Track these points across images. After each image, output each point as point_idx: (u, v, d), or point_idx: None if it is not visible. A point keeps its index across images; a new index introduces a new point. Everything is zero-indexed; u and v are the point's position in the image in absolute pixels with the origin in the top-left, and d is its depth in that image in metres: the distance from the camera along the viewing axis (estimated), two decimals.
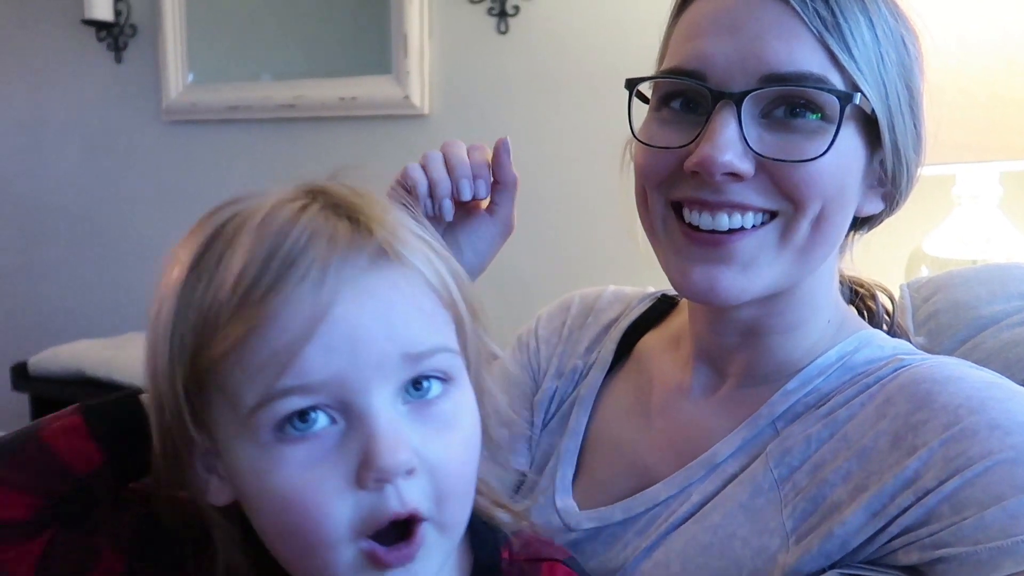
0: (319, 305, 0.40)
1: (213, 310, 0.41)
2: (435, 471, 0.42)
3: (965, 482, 0.51)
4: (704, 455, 0.63)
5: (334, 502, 0.40)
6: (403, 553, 0.41)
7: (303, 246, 0.41)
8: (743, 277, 0.58)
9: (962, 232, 1.45)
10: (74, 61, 2.90)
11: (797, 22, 0.54)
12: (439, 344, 0.43)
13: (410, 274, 0.43)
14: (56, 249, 3.05)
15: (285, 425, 0.41)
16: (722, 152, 0.55)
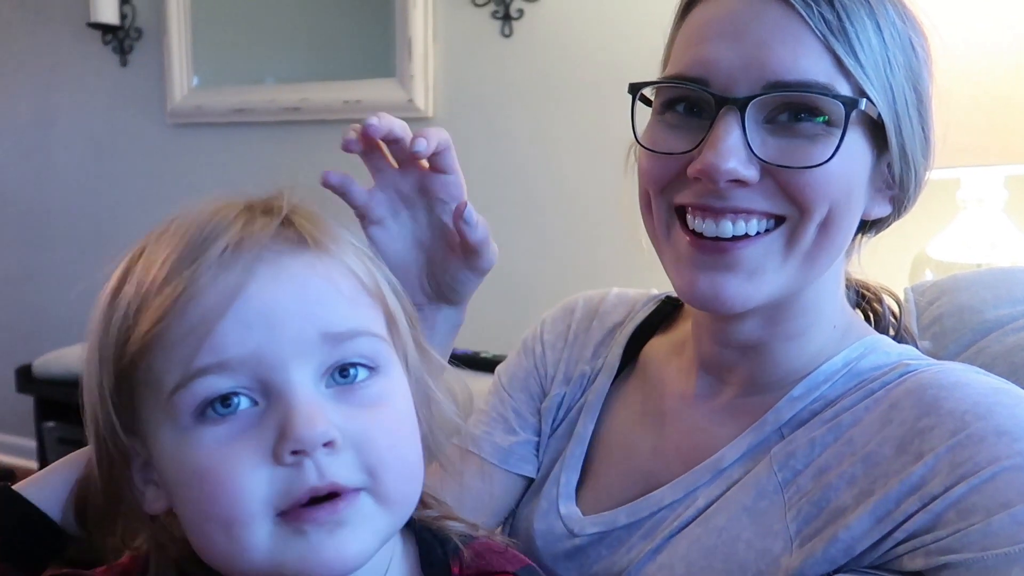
0: (233, 282, 0.40)
1: (135, 303, 0.42)
2: (361, 445, 0.41)
3: (972, 488, 0.50)
4: (710, 460, 0.63)
5: (249, 476, 0.39)
6: (325, 511, 0.40)
7: (221, 230, 0.41)
8: (749, 285, 0.57)
9: (967, 236, 1.45)
10: (80, 64, 2.91)
11: (802, 27, 0.54)
12: (360, 327, 0.43)
13: (330, 260, 0.43)
14: (61, 251, 3.06)
15: (206, 409, 0.40)
16: (725, 159, 0.54)
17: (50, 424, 2.41)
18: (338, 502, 0.40)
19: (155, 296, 0.41)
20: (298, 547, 0.40)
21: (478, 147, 2.33)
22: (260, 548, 0.40)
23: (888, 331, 0.69)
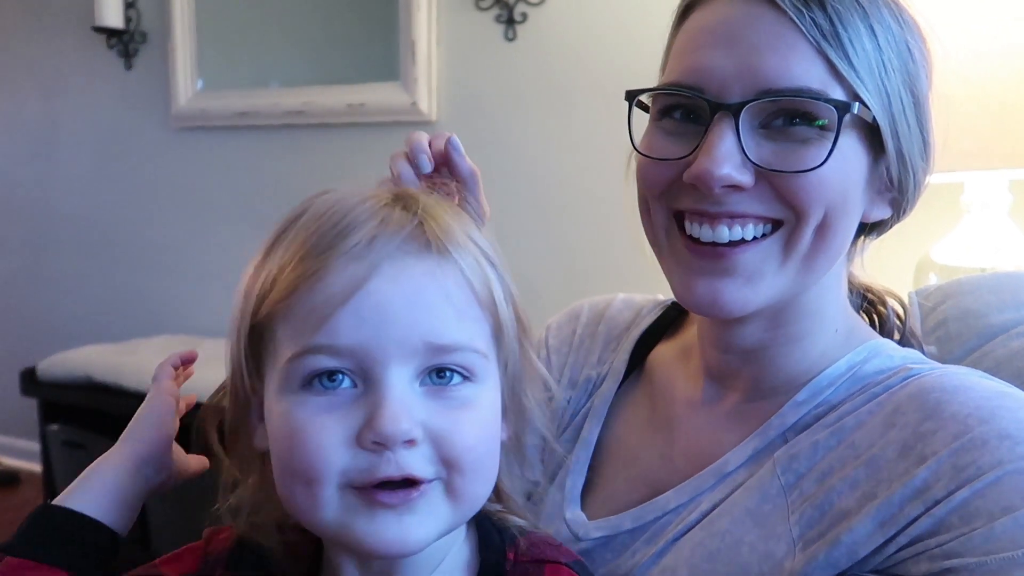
0: (358, 275, 0.44)
1: (273, 273, 0.47)
2: (441, 441, 0.44)
3: (975, 492, 0.50)
4: (714, 464, 0.63)
5: (334, 448, 0.43)
6: (398, 496, 0.44)
7: (360, 222, 0.45)
8: (747, 289, 0.58)
9: (971, 240, 1.45)
10: (84, 68, 2.92)
11: (795, 33, 0.54)
12: (463, 342, 0.46)
13: (450, 268, 0.46)
14: (65, 255, 3.06)
15: (313, 380, 0.45)
16: (719, 165, 0.55)
17: (54, 427, 2.41)
18: (412, 491, 0.44)
19: (290, 271, 0.45)
20: (365, 521, 0.44)
21: (481, 151, 2.33)
22: (331, 510, 0.44)
23: (892, 335, 0.68)
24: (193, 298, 2.82)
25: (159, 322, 2.82)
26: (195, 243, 2.81)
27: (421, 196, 0.50)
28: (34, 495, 2.73)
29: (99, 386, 2.32)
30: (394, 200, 0.49)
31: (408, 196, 0.49)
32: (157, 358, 2.73)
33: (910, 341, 0.68)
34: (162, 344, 2.57)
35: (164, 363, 0.68)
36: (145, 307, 2.91)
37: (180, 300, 2.84)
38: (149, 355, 2.43)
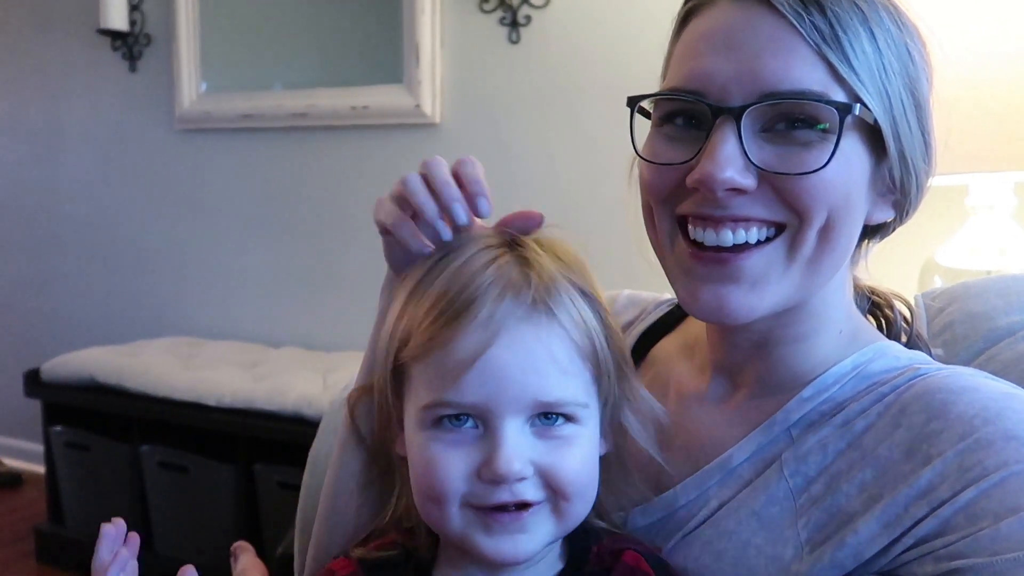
0: (482, 343, 0.53)
1: (413, 322, 0.56)
2: (548, 473, 0.54)
3: (981, 493, 0.50)
4: (718, 459, 0.63)
5: (457, 478, 0.53)
6: (511, 516, 0.53)
7: (483, 291, 0.54)
8: (752, 295, 0.58)
9: (976, 242, 1.44)
10: (89, 70, 2.93)
11: (795, 37, 0.54)
12: (567, 399, 0.54)
13: (555, 329, 0.54)
14: (69, 256, 3.07)
15: (443, 420, 0.54)
16: (722, 168, 0.55)
17: (57, 428, 2.42)
18: (523, 513, 0.53)
19: (425, 329, 0.55)
20: (484, 536, 0.54)
21: (484, 153, 2.33)
22: (455, 523, 0.54)
23: (900, 337, 0.68)
24: (197, 300, 2.83)
25: (163, 324, 2.83)
26: (199, 245, 2.82)
27: (533, 246, 0.58)
28: (37, 496, 2.74)
29: (102, 388, 2.33)
30: (508, 251, 0.57)
31: (520, 249, 0.57)
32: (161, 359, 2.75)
33: (917, 344, 0.68)
34: (166, 345, 2.58)
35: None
36: (149, 309, 2.91)
37: (184, 302, 2.85)
38: (153, 356, 2.43)
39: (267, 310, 2.69)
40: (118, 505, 2.34)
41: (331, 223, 2.58)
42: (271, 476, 2.10)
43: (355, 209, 2.53)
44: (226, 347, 2.57)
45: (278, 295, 2.68)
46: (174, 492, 2.24)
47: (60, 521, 2.47)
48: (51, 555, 2.47)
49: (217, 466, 2.17)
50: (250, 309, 2.72)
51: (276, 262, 2.68)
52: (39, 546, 2.49)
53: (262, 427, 2.09)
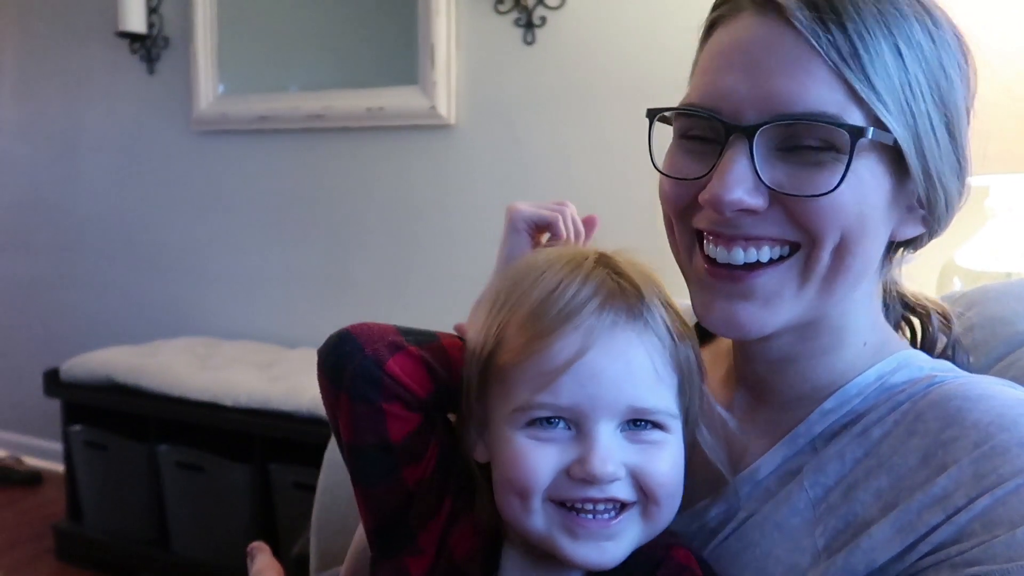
0: (580, 348, 0.54)
1: (508, 326, 0.57)
2: (639, 475, 0.55)
3: (996, 500, 0.50)
4: (746, 471, 0.63)
5: (546, 472, 0.54)
6: (598, 524, 0.54)
7: (583, 301, 0.55)
8: (764, 312, 0.58)
9: (996, 244, 1.43)
10: (108, 72, 2.96)
11: (812, 56, 0.53)
12: (658, 406, 0.56)
13: (648, 336, 0.56)
14: (88, 257, 3.10)
15: (536, 422, 0.55)
16: (731, 190, 0.55)
17: (76, 428, 2.44)
18: (611, 520, 0.54)
19: (520, 334, 0.56)
20: (567, 539, 0.54)
21: (500, 154, 2.34)
22: (536, 519, 0.55)
23: (935, 345, 0.67)
24: (214, 300, 2.85)
25: (180, 324, 2.85)
26: (216, 245, 2.83)
27: (618, 258, 0.59)
28: (56, 495, 2.77)
29: (121, 387, 2.35)
30: (599, 264, 0.58)
31: (609, 260, 0.59)
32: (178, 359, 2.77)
33: (956, 350, 0.67)
34: (183, 346, 2.60)
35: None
36: (166, 309, 2.93)
37: (201, 302, 2.87)
38: (170, 357, 2.45)
39: (283, 310, 2.70)
40: (135, 504, 2.36)
41: (347, 224, 2.59)
42: (287, 476, 2.12)
43: (371, 210, 2.54)
44: (242, 347, 2.59)
45: (294, 296, 2.69)
46: (190, 491, 2.26)
47: (78, 519, 2.49)
48: (70, 553, 2.49)
49: (233, 466, 2.18)
50: (266, 309, 2.74)
51: (292, 263, 2.69)
52: (58, 544, 2.51)
53: (278, 427, 2.11)
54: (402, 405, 0.58)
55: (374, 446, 0.58)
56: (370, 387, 0.57)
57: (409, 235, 2.47)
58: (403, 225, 2.49)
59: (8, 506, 2.88)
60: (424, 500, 0.60)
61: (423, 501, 0.60)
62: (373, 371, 0.57)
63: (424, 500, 0.60)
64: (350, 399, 0.58)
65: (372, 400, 0.57)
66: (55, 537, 2.52)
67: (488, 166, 2.35)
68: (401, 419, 0.58)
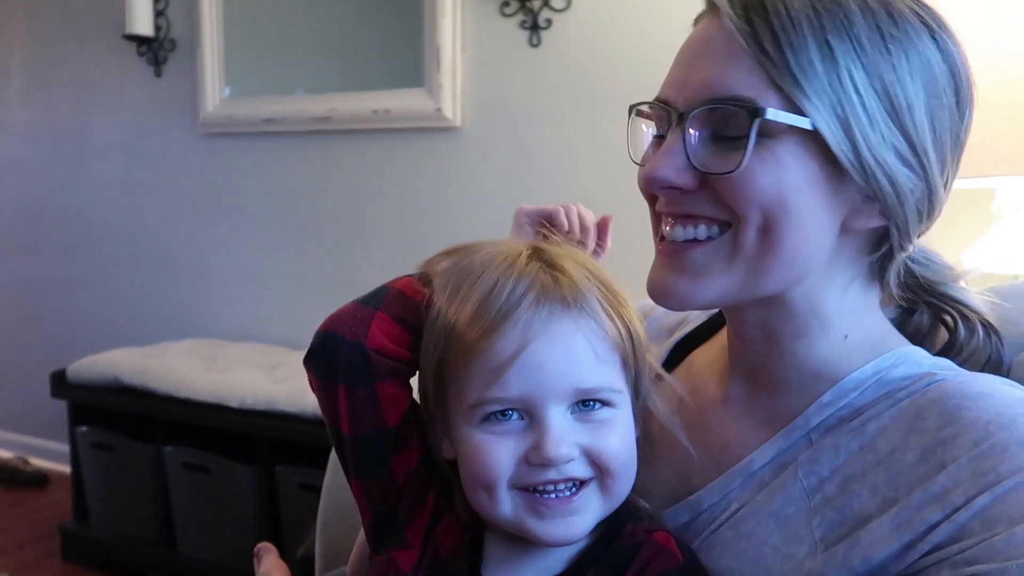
0: (521, 343, 0.57)
1: (457, 329, 0.59)
2: (591, 453, 0.57)
3: (995, 498, 0.50)
4: (741, 463, 0.64)
5: (505, 463, 0.57)
6: (562, 502, 0.57)
7: (519, 298, 0.58)
8: (692, 285, 0.62)
9: (1003, 246, 1.42)
10: (115, 75, 2.97)
11: (736, 46, 0.57)
12: (603, 384, 0.59)
13: (586, 320, 0.58)
14: (95, 259, 3.11)
15: (490, 417, 0.58)
16: (657, 168, 0.60)
17: (83, 429, 2.45)
18: (574, 497, 0.57)
19: (465, 333, 0.58)
20: (534, 519, 0.57)
21: (505, 156, 2.34)
22: (505, 507, 0.58)
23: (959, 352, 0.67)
24: (220, 302, 2.86)
25: (186, 326, 2.86)
26: (222, 247, 2.84)
27: (552, 250, 0.62)
28: (63, 496, 2.78)
29: (127, 389, 2.36)
30: (534, 258, 0.61)
31: (543, 253, 0.61)
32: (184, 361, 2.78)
33: (1000, 352, 0.68)
34: (189, 347, 2.60)
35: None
36: (173, 311, 2.94)
37: (207, 304, 2.88)
38: (176, 358, 2.46)
39: (289, 312, 2.71)
40: (142, 505, 2.37)
41: (353, 226, 2.59)
42: (292, 477, 2.12)
43: (376, 212, 2.55)
44: (248, 349, 2.59)
45: (300, 297, 2.70)
46: (196, 492, 2.26)
47: (85, 520, 2.50)
48: (76, 554, 2.50)
49: (239, 467, 2.19)
50: (272, 311, 2.75)
51: (298, 265, 2.70)
52: (64, 545, 2.52)
53: (283, 429, 2.11)
54: (396, 382, 0.62)
55: (372, 434, 0.62)
56: (363, 369, 0.61)
57: (415, 237, 2.48)
58: (409, 227, 2.49)
59: (15, 507, 2.89)
60: (411, 493, 0.63)
61: (410, 494, 0.63)
62: (362, 352, 0.61)
63: (411, 493, 0.63)
64: (348, 388, 0.61)
65: (369, 382, 0.61)
66: (62, 538, 2.53)
67: (494, 168, 2.36)
68: (395, 401, 0.62)
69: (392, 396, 0.62)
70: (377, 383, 0.61)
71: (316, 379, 0.64)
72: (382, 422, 0.62)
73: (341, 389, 0.61)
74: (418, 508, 0.63)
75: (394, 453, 0.62)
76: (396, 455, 0.62)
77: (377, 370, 0.61)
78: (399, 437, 0.62)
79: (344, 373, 0.61)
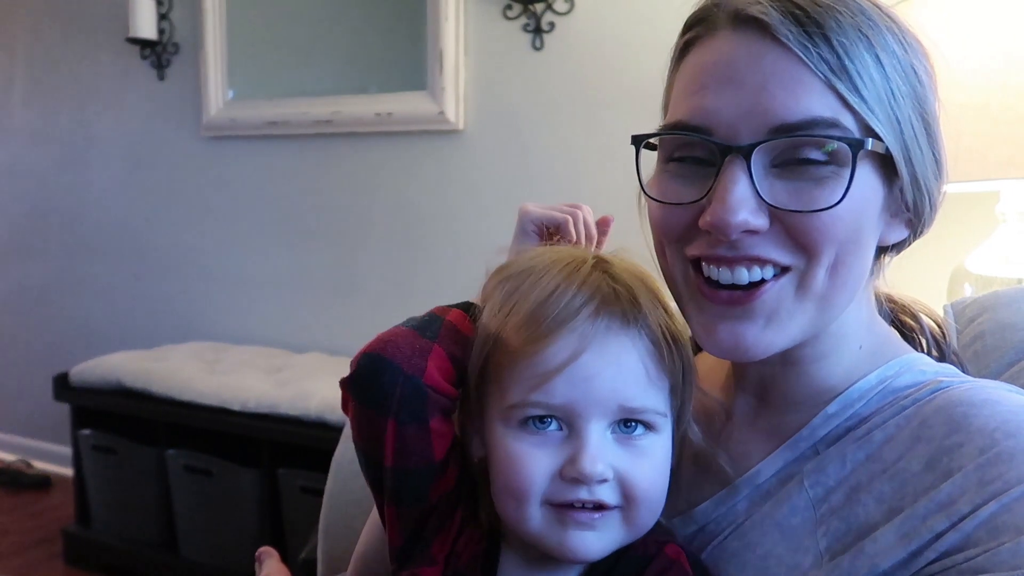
0: (575, 351, 0.55)
1: (507, 330, 0.57)
2: (625, 480, 0.56)
3: (1002, 507, 0.50)
4: (747, 475, 0.63)
5: (540, 477, 0.55)
6: (585, 516, 0.55)
7: (579, 306, 0.56)
8: (768, 331, 0.57)
9: (1007, 250, 1.42)
10: (118, 78, 2.98)
11: (802, 68, 0.53)
12: (649, 406, 0.57)
13: (641, 341, 0.57)
14: (98, 262, 3.12)
15: (528, 421, 0.56)
16: (735, 212, 0.54)
17: (86, 432, 2.45)
18: (595, 513, 0.55)
19: (517, 335, 0.56)
20: (559, 532, 0.56)
21: (507, 159, 2.34)
22: (534, 521, 0.56)
23: (930, 352, 0.67)
24: (222, 305, 2.86)
25: (189, 328, 2.86)
26: (225, 250, 2.84)
27: (617, 264, 0.60)
28: (65, 499, 2.78)
29: (130, 392, 2.36)
30: (595, 268, 0.59)
31: (608, 265, 0.60)
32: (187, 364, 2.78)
33: (952, 358, 0.67)
34: (192, 350, 2.60)
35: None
36: (175, 314, 2.95)
37: (210, 307, 2.88)
38: (179, 361, 2.46)
39: (291, 316, 2.71)
40: (144, 508, 2.37)
41: (355, 229, 2.59)
42: (294, 480, 2.12)
43: (379, 215, 2.55)
44: (250, 352, 2.59)
45: (302, 301, 2.70)
46: (199, 496, 2.26)
47: (87, 523, 2.50)
48: (78, 557, 2.50)
49: (241, 470, 2.19)
50: (274, 314, 2.75)
51: (301, 268, 2.70)
52: (67, 548, 2.52)
53: (285, 432, 2.11)
54: (442, 416, 0.59)
55: (418, 468, 0.58)
56: (420, 406, 0.57)
57: (417, 240, 2.48)
58: (411, 230, 2.49)
59: (17, 510, 2.89)
60: (442, 511, 0.60)
61: (441, 512, 0.60)
62: (420, 389, 0.57)
63: (442, 511, 0.60)
64: (398, 423, 0.57)
65: (423, 419, 0.57)
66: (64, 541, 2.53)
67: (496, 171, 2.36)
68: (442, 435, 0.59)
69: (439, 431, 0.58)
70: (430, 421, 0.57)
71: (360, 406, 0.58)
72: (429, 456, 0.58)
73: (390, 423, 0.57)
74: (446, 523, 0.61)
75: (435, 482, 0.59)
76: (437, 482, 0.60)
77: (431, 407, 0.57)
78: (442, 467, 0.59)
79: (397, 407, 0.57)
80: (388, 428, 0.57)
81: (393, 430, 0.57)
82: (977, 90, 1.25)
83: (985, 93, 1.26)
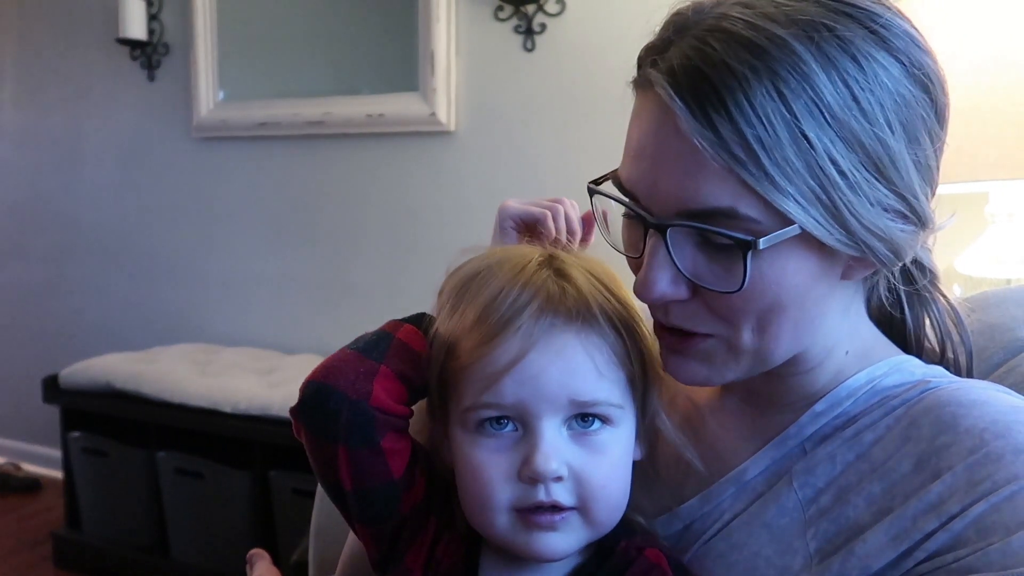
0: (520, 350, 0.55)
1: (458, 334, 0.58)
2: (581, 479, 0.56)
3: (991, 507, 0.50)
4: (733, 472, 0.63)
5: (501, 484, 0.56)
6: (546, 519, 0.56)
7: (522, 306, 0.56)
8: (710, 370, 0.60)
9: (996, 251, 1.43)
10: (108, 79, 2.97)
11: (699, 153, 0.51)
12: (602, 399, 0.57)
13: (590, 333, 0.57)
14: (88, 263, 3.10)
15: (484, 424, 0.57)
16: (652, 289, 0.56)
17: (75, 434, 2.44)
18: (556, 515, 0.56)
19: (467, 342, 0.57)
20: (524, 536, 0.56)
21: (499, 161, 2.34)
22: (500, 526, 0.57)
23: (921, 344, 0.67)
24: (213, 306, 2.85)
25: (179, 330, 2.85)
26: (215, 252, 2.84)
27: (565, 260, 0.60)
28: (55, 502, 2.76)
29: (120, 394, 2.35)
30: (544, 266, 0.59)
31: (554, 261, 0.60)
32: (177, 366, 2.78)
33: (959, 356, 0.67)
34: (182, 352, 2.59)
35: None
36: (165, 315, 2.93)
37: (200, 309, 2.87)
38: (169, 363, 2.45)
39: (282, 317, 2.70)
40: (135, 511, 2.36)
41: (346, 230, 2.59)
42: (286, 483, 2.11)
43: (370, 216, 2.54)
44: (242, 354, 2.58)
45: (293, 302, 2.69)
46: (190, 498, 2.25)
47: (77, 526, 2.49)
48: (68, 560, 2.49)
49: (232, 472, 2.18)
50: (265, 316, 2.74)
51: (292, 269, 2.69)
52: (56, 551, 2.51)
53: (277, 434, 2.10)
54: (395, 434, 0.58)
55: (378, 487, 0.58)
56: (368, 430, 0.57)
57: (409, 241, 2.48)
58: (403, 231, 2.49)
59: (7, 513, 2.88)
60: (414, 521, 0.61)
61: (413, 523, 0.61)
62: (365, 412, 0.56)
63: (414, 521, 0.61)
64: (349, 448, 0.57)
65: (373, 442, 0.57)
66: (54, 544, 2.51)
67: (488, 172, 2.36)
68: (397, 453, 0.58)
69: (393, 449, 0.58)
70: (381, 442, 0.57)
71: (310, 434, 0.58)
72: (388, 475, 0.58)
73: (341, 448, 0.57)
74: (419, 533, 0.61)
75: (402, 496, 0.59)
76: (404, 496, 0.59)
77: (380, 429, 0.57)
78: (406, 482, 0.59)
79: (345, 433, 0.56)
80: (340, 454, 0.57)
81: (345, 455, 0.57)
82: (966, 92, 1.26)
83: (974, 95, 1.27)
